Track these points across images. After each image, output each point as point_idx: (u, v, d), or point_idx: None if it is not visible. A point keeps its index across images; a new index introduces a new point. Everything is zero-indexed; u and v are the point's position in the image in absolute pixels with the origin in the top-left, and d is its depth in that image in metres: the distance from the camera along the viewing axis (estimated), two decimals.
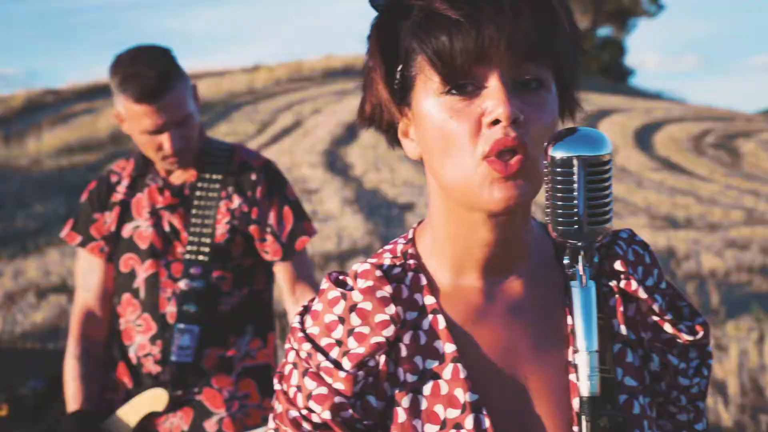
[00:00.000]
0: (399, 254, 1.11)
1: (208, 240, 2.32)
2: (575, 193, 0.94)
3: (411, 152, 1.08)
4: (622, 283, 1.08)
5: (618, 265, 1.08)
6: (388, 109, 1.07)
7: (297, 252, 2.40)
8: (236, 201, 2.35)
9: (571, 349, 1.06)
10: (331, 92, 29.14)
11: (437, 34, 0.98)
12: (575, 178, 0.94)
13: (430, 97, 1.01)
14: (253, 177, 2.36)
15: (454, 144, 0.99)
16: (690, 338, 1.07)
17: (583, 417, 0.96)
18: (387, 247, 1.14)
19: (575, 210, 0.94)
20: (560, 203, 0.94)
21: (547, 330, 1.07)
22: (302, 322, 1.09)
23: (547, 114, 0.99)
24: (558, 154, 0.94)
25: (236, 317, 2.37)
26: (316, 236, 2.54)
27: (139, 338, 2.35)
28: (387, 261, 1.10)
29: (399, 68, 1.04)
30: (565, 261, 0.99)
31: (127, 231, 2.39)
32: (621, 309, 1.07)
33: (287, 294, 2.42)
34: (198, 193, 2.36)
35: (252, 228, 2.35)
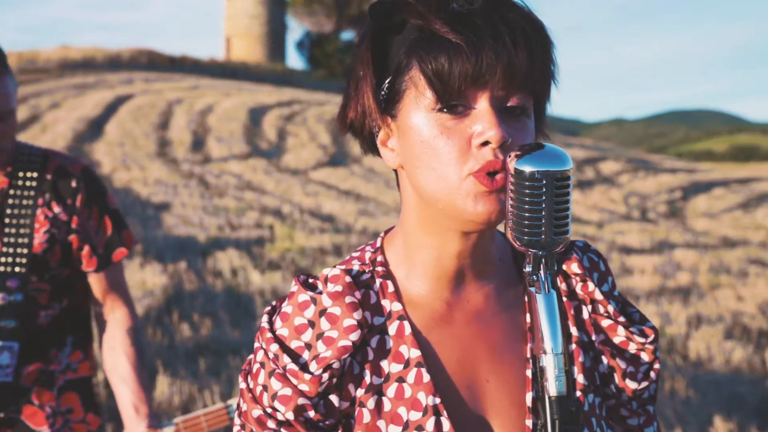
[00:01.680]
0: (368, 261, 1.14)
1: (25, 250, 2.16)
2: (543, 206, 0.99)
3: (390, 161, 1.11)
4: (579, 286, 1.15)
5: (575, 268, 1.15)
6: (372, 118, 1.09)
7: (113, 263, 2.32)
8: (55, 209, 2.21)
9: (528, 346, 1.13)
10: (69, 86, 27.57)
11: (437, 55, 1.01)
12: (544, 191, 0.98)
13: (420, 111, 1.04)
14: (73, 184, 2.23)
15: (440, 159, 1.03)
16: (642, 341, 1.15)
17: (549, 415, 1.00)
18: (354, 254, 1.16)
19: (542, 221, 0.99)
20: (527, 215, 0.99)
21: (507, 331, 1.13)
22: (271, 323, 1.11)
23: (528, 138, 1.05)
24: (527, 168, 0.98)
25: (56, 330, 2.24)
26: None
27: None
28: (356, 267, 1.13)
29: (388, 80, 1.06)
30: (527, 269, 1.04)
31: None
32: (573, 311, 1.15)
33: (98, 305, 2.33)
34: (11, 201, 2.19)
35: (72, 237, 2.23)
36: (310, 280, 1.12)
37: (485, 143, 1.02)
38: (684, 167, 27.26)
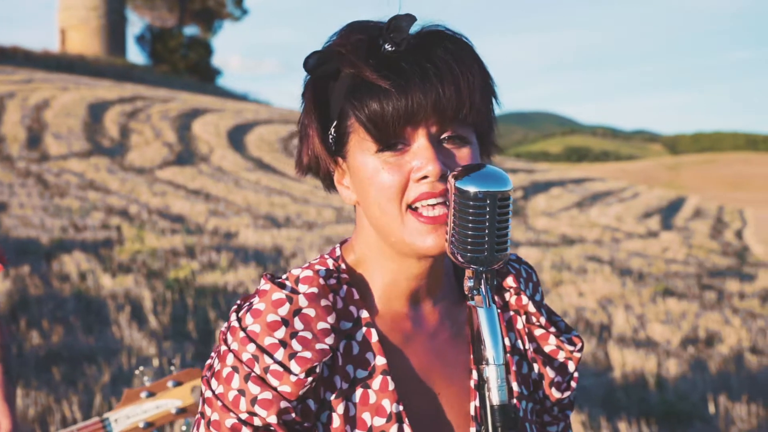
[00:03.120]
0: (332, 267, 1.16)
1: None
2: (486, 224, 1.03)
3: (347, 198, 1.16)
4: (513, 298, 1.22)
5: (510, 281, 1.22)
6: (324, 161, 1.14)
7: None
8: None
9: (471, 357, 1.19)
10: None
11: (369, 102, 1.06)
12: (487, 210, 1.03)
13: (365, 153, 1.09)
14: None
15: (383, 193, 1.09)
16: (571, 349, 1.22)
17: (491, 423, 1.04)
18: (314, 260, 1.18)
19: (485, 239, 1.03)
20: (470, 233, 1.03)
21: (454, 344, 1.20)
22: (240, 320, 1.09)
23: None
24: (471, 189, 1.03)
25: None
26: None
27: None
28: (323, 271, 1.15)
29: (333, 125, 1.12)
30: (469, 284, 1.08)
31: None
32: (506, 323, 1.23)
33: None
34: None
35: None
36: (279, 279, 1.13)
37: (424, 177, 1.07)
38: (523, 167, 28.41)
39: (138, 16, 52.58)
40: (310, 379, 1.06)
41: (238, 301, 1.14)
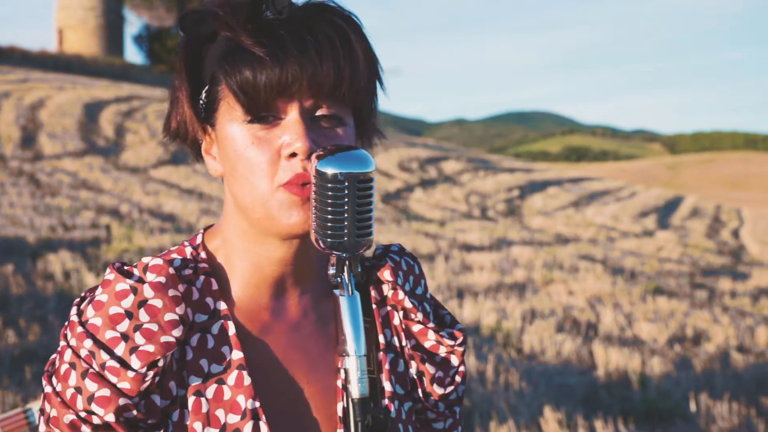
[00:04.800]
0: (189, 256, 1.10)
1: None
2: (346, 207, 0.98)
3: (213, 170, 1.10)
4: (390, 293, 1.16)
5: (387, 275, 1.16)
6: (192, 127, 1.08)
7: None
8: None
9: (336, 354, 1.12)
10: None
11: (242, 68, 1.01)
12: (346, 193, 0.98)
13: (234, 122, 1.04)
14: None
15: (252, 169, 1.03)
16: (451, 344, 1.16)
17: (352, 418, 1.00)
18: (172, 248, 1.12)
19: (345, 223, 0.98)
20: (330, 216, 0.98)
21: (320, 341, 1.13)
22: (80, 314, 1.03)
23: None
24: (329, 170, 0.98)
25: None
26: None
27: None
28: (178, 261, 1.08)
29: (205, 90, 1.06)
30: (331, 271, 1.03)
31: None
32: (382, 318, 1.16)
33: None
34: None
35: None
36: (126, 268, 1.07)
37: (294, 154, 1.02)
38: (521, 167, 28.38)
39: (136, 15, 52.53)
40: (151, 373, 1.01)
41: (82, 293, 1.08)
